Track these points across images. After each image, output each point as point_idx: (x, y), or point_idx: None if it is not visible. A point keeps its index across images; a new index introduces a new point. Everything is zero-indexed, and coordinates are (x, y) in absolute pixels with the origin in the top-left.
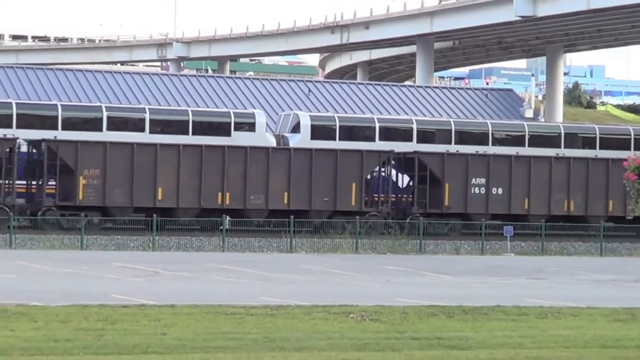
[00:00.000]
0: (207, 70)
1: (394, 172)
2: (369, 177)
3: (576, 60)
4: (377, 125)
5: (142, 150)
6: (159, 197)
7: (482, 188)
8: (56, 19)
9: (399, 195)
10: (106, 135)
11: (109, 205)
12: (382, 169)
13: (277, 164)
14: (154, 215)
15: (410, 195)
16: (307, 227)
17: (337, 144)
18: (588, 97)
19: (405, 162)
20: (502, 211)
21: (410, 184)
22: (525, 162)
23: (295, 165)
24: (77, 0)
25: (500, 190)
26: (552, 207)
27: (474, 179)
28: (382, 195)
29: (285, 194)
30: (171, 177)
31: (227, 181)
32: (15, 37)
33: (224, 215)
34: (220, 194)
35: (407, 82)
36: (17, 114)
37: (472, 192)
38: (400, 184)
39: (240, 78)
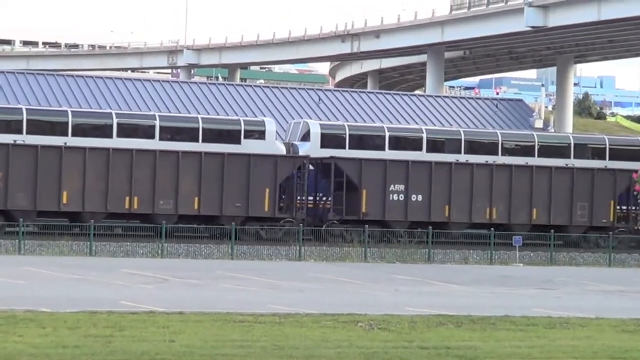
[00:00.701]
0: (217, 78)
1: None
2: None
3: (586, 71)
4: (387, 134)
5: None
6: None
7: (401, 195)
8: (67, 25)
9: (317, 201)
10: (116, 142)
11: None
12: (298, 175)
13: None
14: (163, 222)
15: (328, 202)
16: (308, 235)
17: (344, 152)
18: (598, 108)
19: (323, 168)
20: (421, 218)
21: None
22: (448, 169)
23: (205, 169)
24: (89, 6)
25: (419, 197)
26: (473, 215)
27: (392, 186)
28: (298, 201)
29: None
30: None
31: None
32: (26, 43)
33: (232, 223)
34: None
35: (417, 92)
36: (27, 120)
37: (391, 198)
38: (318, 190)
39: (251, 86)
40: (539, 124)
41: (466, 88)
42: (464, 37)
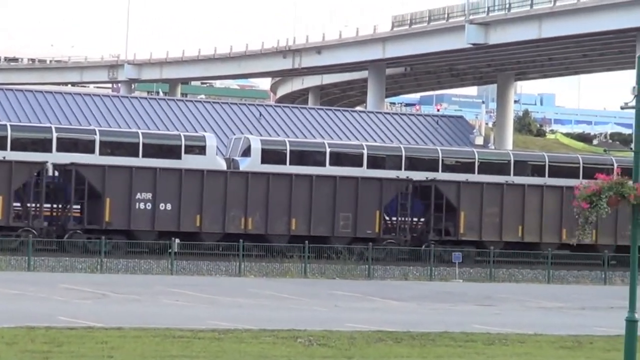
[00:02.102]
0: (158, 93)
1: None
2: None
3: (527, 88)
4: (328, 150)
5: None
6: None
7: (149, 203)
8: (7, 39)
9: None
10: (56, 157)
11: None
12: None
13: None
14: (103, 237)
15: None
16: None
17: (287, 169)
18: (538, 125)
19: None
20: (171, 228)
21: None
22: (200, 176)
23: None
24: (29, 20)
25: (169, 206)
26: (227, 225)
27: (139, 194)
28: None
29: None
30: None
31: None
32: None
33: (172, 238)
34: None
35: (358, 108)
36: None
37: (137, 207)
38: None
39: (192, 101)
40: (479, 140)
41: (407, 104)
42: (405, 54)
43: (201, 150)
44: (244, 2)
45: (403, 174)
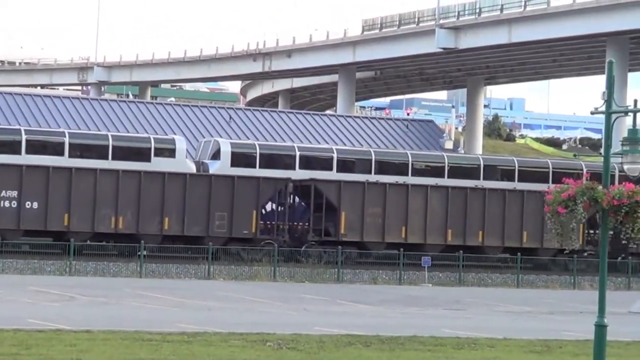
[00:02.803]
0: (127, 95)
1: None
2: None
3: (496, 93)
4: (298, 153)
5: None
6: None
7: (14, 202)
8: None
9: None
10: (25, 159)
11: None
12: None
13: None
14: (71, 240)
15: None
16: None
17: (255, 172)
18: (508, 130)
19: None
20: (37, 227)
21: None
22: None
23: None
24: None
25: (35, 205)
26: (96, 224)
27: (3, 192)
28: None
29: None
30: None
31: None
32: None
33: (142, 242)
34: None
35: (328, 111)
36: None
37: (1, 205)
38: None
39: (161, 104)
40: (449, 145)
41: (377, 108)
42: (375, 58)
43: (171, 153)
44: (215, 5)
45: (373, 177)
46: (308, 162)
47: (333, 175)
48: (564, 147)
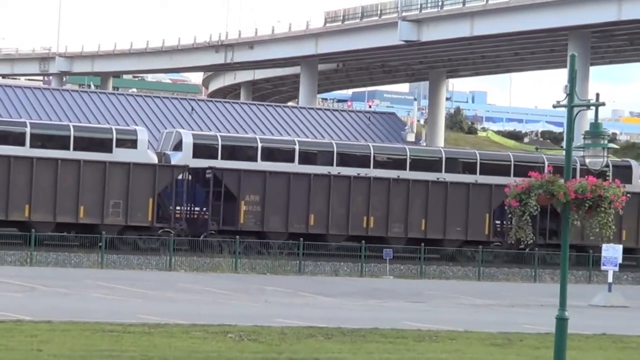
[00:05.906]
0: (89, 86)
1: None
2: None
3: (458, 86)
4: (260, 145)
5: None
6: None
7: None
8: None
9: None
10: None
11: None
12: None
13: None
14: (33, 230)
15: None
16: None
17: (217, 163)
18: (469, 123)
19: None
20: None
21: None
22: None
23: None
24: None
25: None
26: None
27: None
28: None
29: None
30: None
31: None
32: None
33: (103, 232)
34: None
35: (290, 103)
36: None
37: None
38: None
39: (123, 94)
40: (411, 137)
41: (339, 100)
42: (337, 50)
43: (132, 144)
44: None
45: (335, 169)
46: (270, 154)
47: (296, 167)
48: (526, 140)
